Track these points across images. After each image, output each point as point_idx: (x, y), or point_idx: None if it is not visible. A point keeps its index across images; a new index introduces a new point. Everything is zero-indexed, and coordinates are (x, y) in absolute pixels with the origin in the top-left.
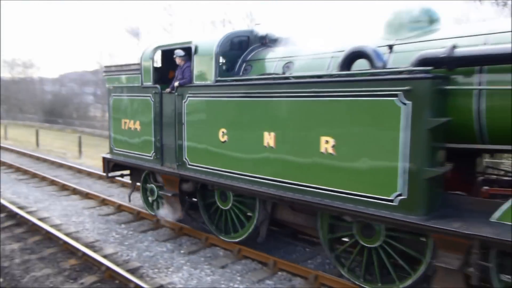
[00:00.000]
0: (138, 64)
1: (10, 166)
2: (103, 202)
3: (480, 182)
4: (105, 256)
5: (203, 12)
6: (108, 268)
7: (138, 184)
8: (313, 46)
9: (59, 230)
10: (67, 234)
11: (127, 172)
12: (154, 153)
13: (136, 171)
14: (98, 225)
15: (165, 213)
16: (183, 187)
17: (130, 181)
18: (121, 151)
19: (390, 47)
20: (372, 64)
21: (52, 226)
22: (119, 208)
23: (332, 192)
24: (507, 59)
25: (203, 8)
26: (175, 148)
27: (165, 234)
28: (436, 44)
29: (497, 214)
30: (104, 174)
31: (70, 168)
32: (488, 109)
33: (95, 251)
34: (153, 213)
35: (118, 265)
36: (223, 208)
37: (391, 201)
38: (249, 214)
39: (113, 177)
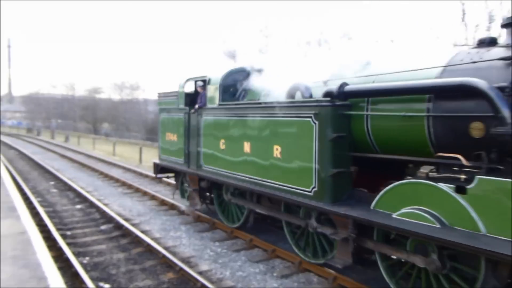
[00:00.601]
0: (176, 91)
1: (117, 180)
2: (199, 218)
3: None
4: (200, 273)
5: (299, 32)
6: (203, 285)
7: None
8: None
9: (158, 243)
10: (166, 248)
11: (172, 174)
12: (183, 158)
13: (177, 173)
14: (194, 241)
15: (190, 204)
16: (201, 184)
17: (177, 182)
18: (165, 158)
19: (324, 82)
20: (302, 95)
21: (152, 239)
22: (214, 226)
23: (280, 186)
24: (378, 94)
25: (299, 28)
26: (196, 154)
27: (258, 255)
28: (353, 80)
29: (372, 204)
30: (155, 175)
31: (168, 184)
32: (372, 128)
33: (191, 266)
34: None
35: (212, 282)
36: (226, 200)
37: (309, 191)
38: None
39: (161, 177)
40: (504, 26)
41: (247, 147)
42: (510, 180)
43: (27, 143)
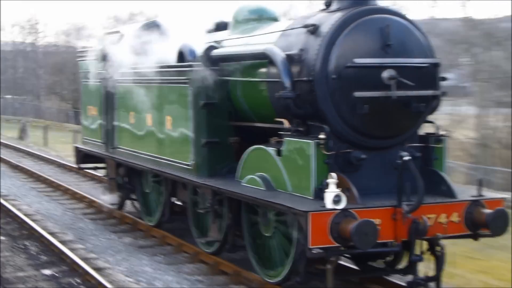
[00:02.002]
0: (95, 49)
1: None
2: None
3: None
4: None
5: None
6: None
7: None
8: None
9: None
10: None
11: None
12: (101, 138)
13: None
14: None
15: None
16: (119, 171)
17: None
18: (87, 140)
19: (217, 42)
20: (186, 58)
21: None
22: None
23: (170, 162)
24: (236, 59)
25: None
26: (111, 132)
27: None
28: (239, 42)
29: (237, 175)
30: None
31: None
32: (244, 95)
33: None
34: None
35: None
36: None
37: (189, 165)
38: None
39: (85, 169)
40: None
41: (149, 119)
42: (303, 140)
43: None
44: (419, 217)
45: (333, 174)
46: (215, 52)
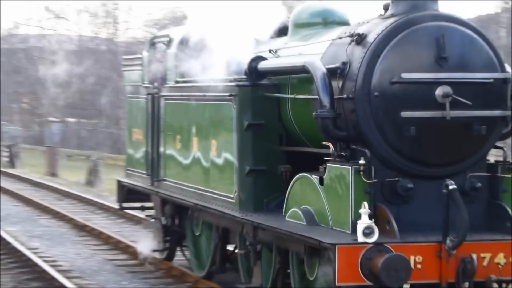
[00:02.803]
0: (140, 57)
1: None
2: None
3: None
4: None
5: None
6: None
7: None
8: None
9: None
10: None
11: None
12: (146, 169)
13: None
14: None
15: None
16: (165, 210)
17: None
18: (131, 171)
19: (271, 51)
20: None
21: None
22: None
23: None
24: (281, 73)
25: None
26: (157, 160)
27: None
28: (293, 51)
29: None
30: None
31: None
32: (293, 115)
33: None
34: None
35: None
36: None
37: (232, 198)
38: None
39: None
40: None
41: (195, 144)
42: (343, 166)
43: None
44: (468, 255)
45: (365, 203)
46: (262, 64)
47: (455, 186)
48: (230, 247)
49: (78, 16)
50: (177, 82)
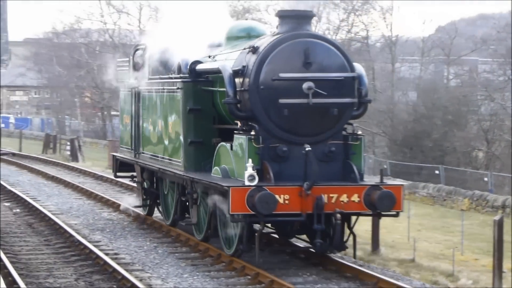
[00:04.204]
0: (127, 60)
1: None
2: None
3: None
4: None
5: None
6: None
7: None
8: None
9: None
10: None
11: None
12: (131, 145)
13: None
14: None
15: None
16: (143, 175)
17: None
18: (123, 148)
19: (210, 56)
20: (181, 70)
21: None
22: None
23: (168, 160)
24: (210, 73)
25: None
26: (137, 138)
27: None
28: (222, 57)
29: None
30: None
31: None
32: (221, 103)
33: None
34: None
35: None
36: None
37: (180, 162)
38: None
39: (122, 177)
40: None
41: (159, 124)
42: (241, 136)
43: None
44: (319, 195)
45: (250, 160)
46: (198, 66)
47: (309, 149)
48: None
49: (139, 10)
50: (149, 79)
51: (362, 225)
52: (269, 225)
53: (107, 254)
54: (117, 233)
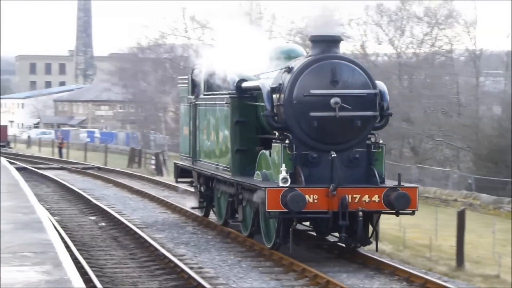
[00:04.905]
0: (187, 78)
1: None
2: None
3: None
4: None
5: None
6: None
7: None
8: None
9: None
10: None
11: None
12: (189, 154)
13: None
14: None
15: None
16: (200, 180)
17: None
18: (183, 157)
19: (255, 75)
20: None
21: None
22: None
23: (218, 166)
24: (253, 90)
25: None
26: (194, 147)
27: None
28: (265, 75)
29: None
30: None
31: None
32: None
33: None
34: None
35: None
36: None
37: (228, 168)
38: None
39: (183, 182)
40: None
41: (212, 134)
42: (278, 144)
43: None
44: (344, 196)
45: (284, 165)
46: (244, 84)
47: (335, 155)
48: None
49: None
50: (204, 95)
51: (448, 241)
52: (307, 224)
53: (191, 268)
54: (201, 246)
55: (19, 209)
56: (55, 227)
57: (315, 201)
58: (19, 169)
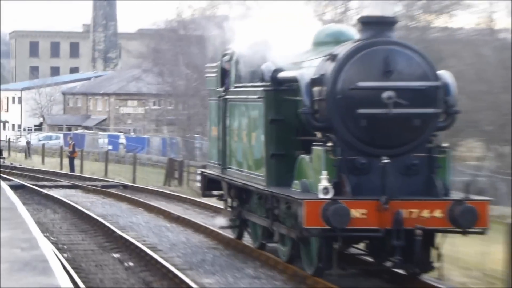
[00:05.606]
0: (216, 65)
1: None
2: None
3: None
4: None
5: None
6: None
7: None
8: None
9: None
10: None
11: None
12: (217, 160)
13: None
14: None
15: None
16: (231, 193)
17: None
18: (211, 163)
19: (295, 63)
20: (264, 78)
21: None
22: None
23: (251, 175)
24: (291, 81)
25: None
26: (223, 152)
27: None
28: (305, 64)
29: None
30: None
31: None
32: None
33: None
34: None
35: None
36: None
37: (262, 176)
38: None
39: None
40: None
41: (244, 136)
42: (318, 148)
43: None
44: (398, 210)
45: (325, 172)
46: (281, 74)
47: (387, 161)
48: None
49: None
50: (235, 87)
51: None
52: (361, 246)
53: None
54: None
55: (15, 242)
56: (64, 268)
57: (364, 216)
58: (15, 187)
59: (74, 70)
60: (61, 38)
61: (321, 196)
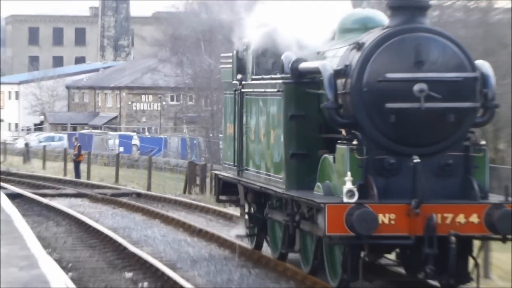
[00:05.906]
0: (231, 55)
1: None
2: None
3: None
4: None
5: None
6: None
7: None
8: None
9: None
10: None
11: None
12: (233, 161)
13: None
14: None
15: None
16: (248, 198)
17: None
18: (226, 165)
19: (318, 53)
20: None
21: None
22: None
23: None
24: (313, 72)
25: None
26: (240, 152)
27: None
28: (330, 53)
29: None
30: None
31: None
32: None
33: None
34: None
35: None
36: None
37: (281, 178)
38: None
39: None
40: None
41: (262, 134)
42: (341, 146)
43: None
44: (431, 215)
45: (349, 173)
46: (302, 64)
47: (418, 161)
48: None
49: None
50: (252, 79)
51: None
52: (392, 256)
53: None
54: None
55: (13, 260)
56: None
57: (392, 222)
58: (12, 196)
59: (79, 60)
60: (64, 24)
61: (345, 199)
